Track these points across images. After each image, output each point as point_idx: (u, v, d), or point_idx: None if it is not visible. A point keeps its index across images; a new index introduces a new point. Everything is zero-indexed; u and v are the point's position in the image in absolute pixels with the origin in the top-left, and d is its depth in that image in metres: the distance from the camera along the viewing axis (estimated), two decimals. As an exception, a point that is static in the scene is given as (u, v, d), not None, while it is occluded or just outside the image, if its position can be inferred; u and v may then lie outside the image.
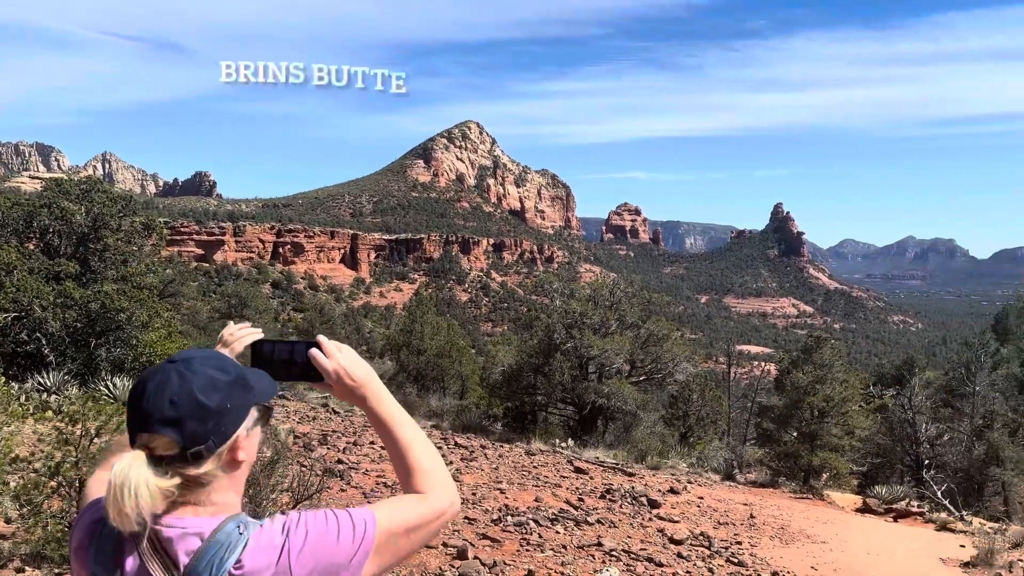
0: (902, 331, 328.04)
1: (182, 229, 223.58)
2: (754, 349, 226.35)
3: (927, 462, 26.95)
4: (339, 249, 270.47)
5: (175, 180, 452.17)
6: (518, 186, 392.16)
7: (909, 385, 28.74)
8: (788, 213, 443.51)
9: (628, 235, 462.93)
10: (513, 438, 22.85)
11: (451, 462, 16.07)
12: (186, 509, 1.63)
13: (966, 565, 13.60)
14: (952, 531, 17.60)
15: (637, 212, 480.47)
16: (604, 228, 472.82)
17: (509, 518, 11.61)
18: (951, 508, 21.26)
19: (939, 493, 22.69)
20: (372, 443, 16.21)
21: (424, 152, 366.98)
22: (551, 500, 13.65)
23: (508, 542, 10.51)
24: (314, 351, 1.87)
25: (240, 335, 2.05)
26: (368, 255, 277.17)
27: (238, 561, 1.56)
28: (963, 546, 15.26)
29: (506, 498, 13.30)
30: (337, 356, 1.87)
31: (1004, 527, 19.03)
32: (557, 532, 11.42)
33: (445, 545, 9.73)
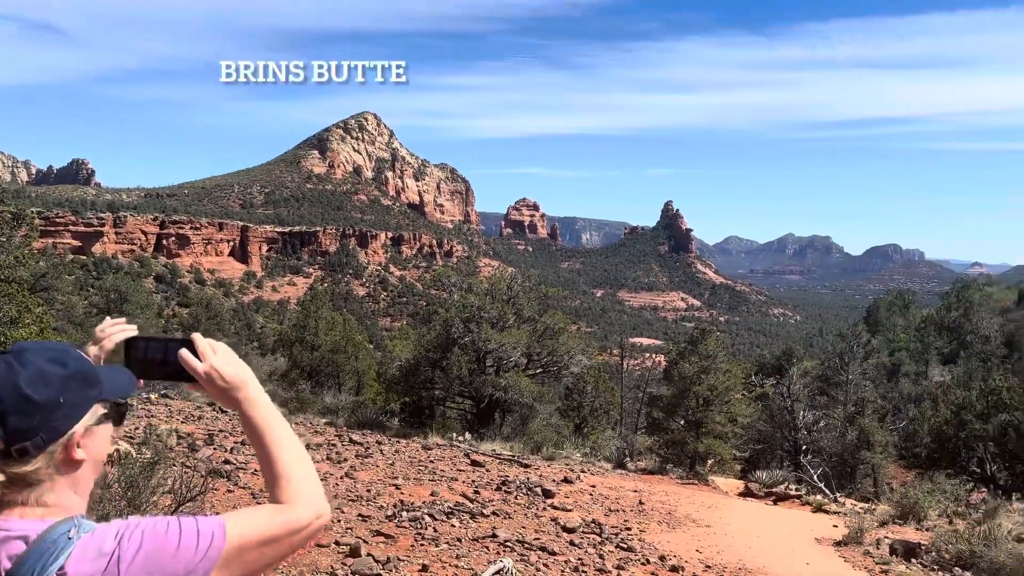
0: (782, 323, 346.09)
1: (57, 219, 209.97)
2: (646, 341, 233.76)
3: (804, 447, 28.56)
4: (228, 242, 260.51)
5: (50, 168, 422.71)
6: (417, 180, 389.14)
7: (788, 374, 30.35)
8: (677, 211, 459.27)
9: (527, 230, 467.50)
10: (410, 433, 22.71)
11: (346, 459, 15.82)
12: (13, 510, 1.52)
13: (838, 543, 14.51)
14: (827, 512, 18.73)
15: (536, 207, 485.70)
16: (503, 223, 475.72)
17: (404, 513, 11.53)
18: (826, 490, 22.61)
19: (815, 476, 24.09)
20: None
21: (319, 143, 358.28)
22: (447, 494, 13.65)
23: (403, 537, 10.44)
24: (184, 351, 1.77)
25: (111, 332, 1.92)
26: (259, 248, 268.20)
27: (61, 568, 1.45)
28: (836, 526, 16.30)
29: (401, 493, 13.21)
30: (210, 357, 1.77)
31: (873, 507, 20.42)
32: (452, 525, 11.43)
33: (337, 544, 9.58)
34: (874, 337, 60.31)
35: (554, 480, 16.75)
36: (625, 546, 11.69)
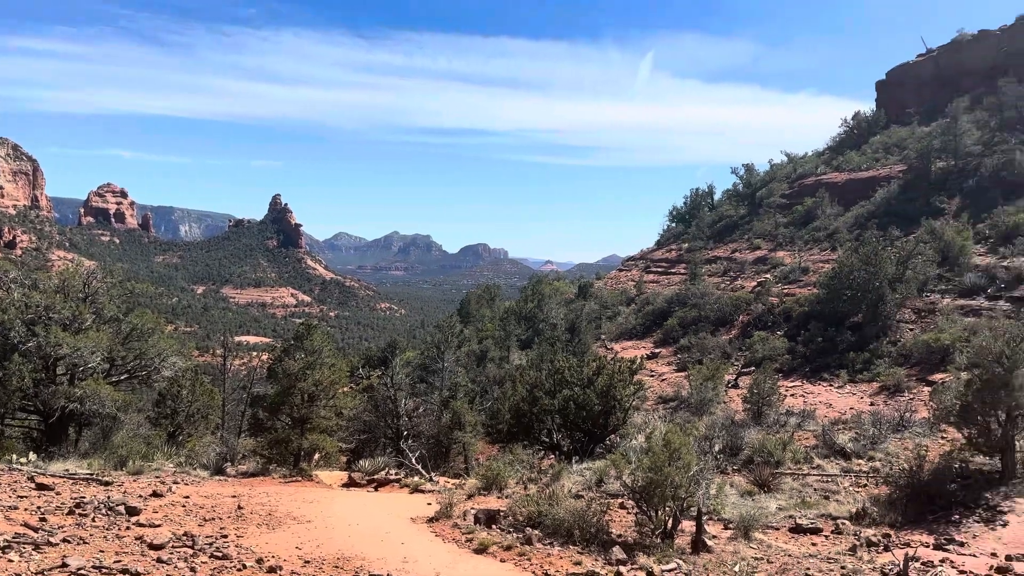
0: (388, 317, 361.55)
1: None
2: (253, 339, 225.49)
3: (406, 432, 30.22)
4: None
5: None
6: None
7: (392, 365, 31.84)
8: (286, 205, 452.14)
9: (113, 219, 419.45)
10: (-49, 460, 18.81)
11: None
12: None
13: (431, 520, 15.67)
14: (423, 492, 20.09)
15: (124, 194, 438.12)
16: (83, 210, 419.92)
17: (-62, 558, 9.56)
18: (423, 471, 24.23)
19: (414, 459, 25.66)
20: None
21: None
22: (4, 525, 11.70)
23: (-65, 587, 8.66)
24: None
25: None
26: None
27: None
28: (430, 503, 17.57)
29: (-64, 534, 10.92)
30: None
31: (463, 482, 22.41)
32: (10, 561, 9.86)
33: None
34: (466, 327, 66.31)
35: (141, 496, 15.36)
36: (220, 554, 11.19)
